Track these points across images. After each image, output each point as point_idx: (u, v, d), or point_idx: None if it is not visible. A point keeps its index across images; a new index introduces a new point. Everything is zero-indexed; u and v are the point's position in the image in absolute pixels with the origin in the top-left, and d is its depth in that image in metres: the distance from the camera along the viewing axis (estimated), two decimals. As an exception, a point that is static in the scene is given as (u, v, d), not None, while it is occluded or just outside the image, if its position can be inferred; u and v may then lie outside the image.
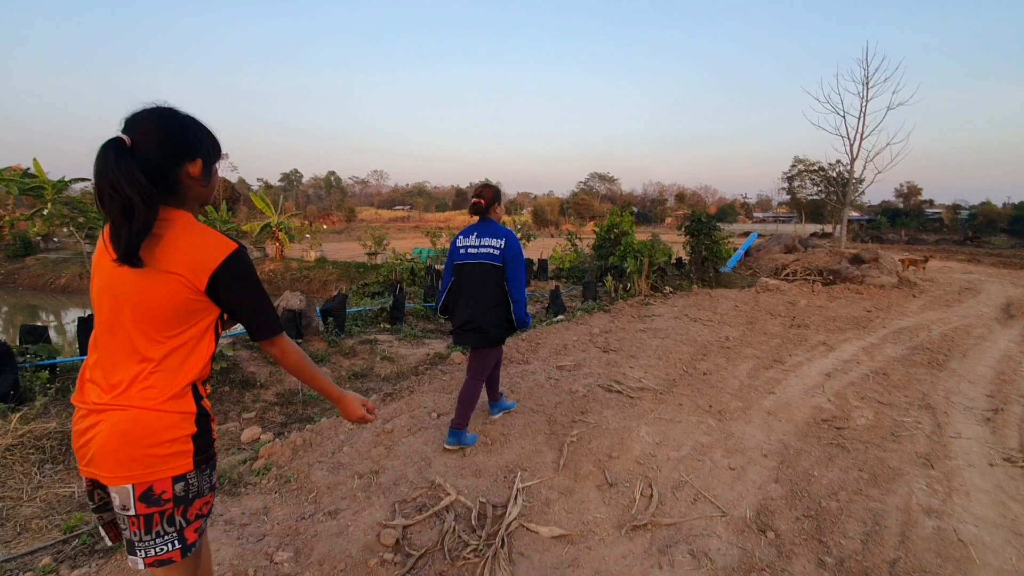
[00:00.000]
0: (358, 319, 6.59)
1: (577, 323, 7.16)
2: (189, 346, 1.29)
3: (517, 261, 3.09)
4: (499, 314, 3.11)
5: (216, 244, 1.26)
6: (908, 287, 12.00)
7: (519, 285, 3.10)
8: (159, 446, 1.24)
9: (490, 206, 3.18)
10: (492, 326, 3.11)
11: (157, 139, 1.23)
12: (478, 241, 3.12)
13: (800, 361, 5.61)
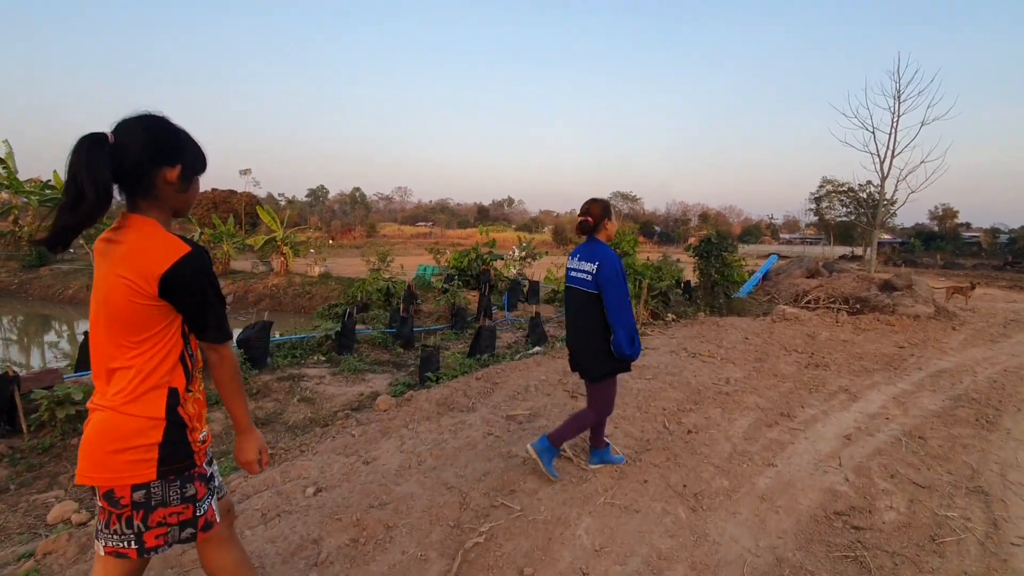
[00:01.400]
0: (298, 347, 5.76)
1: (554, 356, 6.19)
2: (153, 351, 1.29)
3: (614, 285, 2.80)
4: (598, 346, 2.88)
5: (166, 248, 1.26)
6: (947, 318, 10.72)
7: (618, 311, 2.80)
8: (122, 452, 1.26)
9: (599, 224, 2.95)
10: (590, 359, 2.91)
11: (140, 140, 1.26)
12: (578, 264, 2.96)
13: (814, 415, 4.55)
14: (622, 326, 2.78)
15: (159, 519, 1.31)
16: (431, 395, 4.40)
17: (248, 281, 24.63)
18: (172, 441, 1.31)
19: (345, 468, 3.15)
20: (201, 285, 1.30)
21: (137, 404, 1.27)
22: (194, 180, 1.38)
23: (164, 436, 1.29)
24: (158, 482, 1.30)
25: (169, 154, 1.30)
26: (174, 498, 1.32)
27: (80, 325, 18.43)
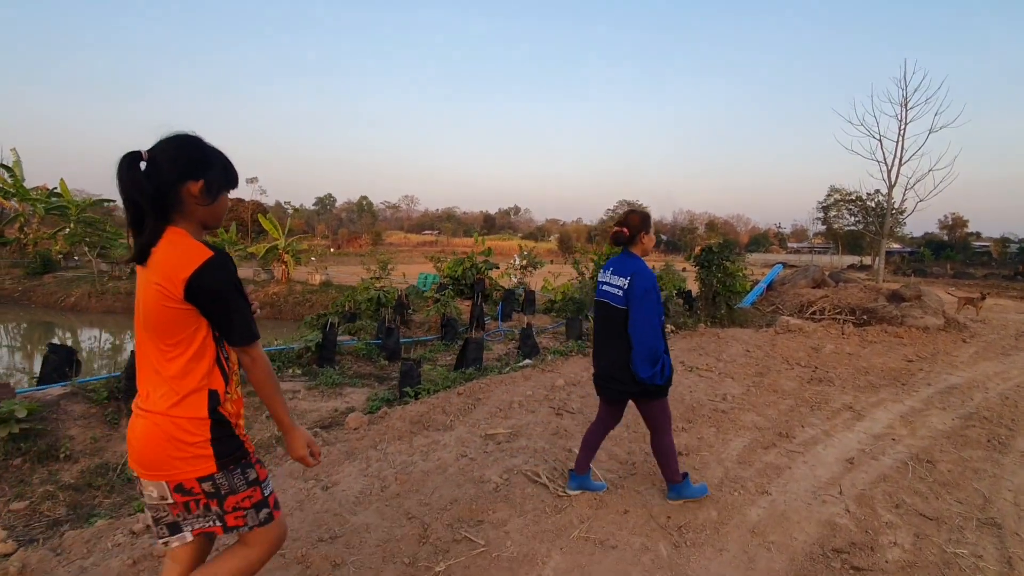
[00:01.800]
0: (276, 360, 5.54)
1: (544, 370, 5.95)
2: (188, 355, 1.35)
3: (643, 301, 2.65)
4: (627, 364, 2.70)
5: (191, 252, 1.32)
6: (957, 330, 10.38)
7: (641, 330, 2.63)
8: (178, 450, 1.34)
9: (635, 236, 2.80)
10: (617, 378, 2.77)
11: (169, 156, 1.36)
12: (610, 278, 2.83)
13: (815, 436, 4.27)
14: (642, 345, 2.62)
15: (233, 504, 1.40)
16: (407, 412, 4.16)
17: (248, 289, 24.49)
18: (220, 436, 1.38)
19: (300, 495, 2.92)
20: (223, 288, 1.34)
21: (181, 407, 1.34)
22: (221, 194, 1.44)
23: (212, 432, 1.37)
24: (220, 473, 1.38)
25: (194, 169, 1.37)
26: (240, 484, 1.41)
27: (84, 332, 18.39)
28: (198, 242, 1.36)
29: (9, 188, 26.76)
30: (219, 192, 1.44)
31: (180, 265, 1.31)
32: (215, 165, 1.43)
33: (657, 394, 2.78)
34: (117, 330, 19.55)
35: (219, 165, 1.44)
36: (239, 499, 1.41)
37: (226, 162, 1.47)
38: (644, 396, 2.79)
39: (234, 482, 1.40)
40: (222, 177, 1.45)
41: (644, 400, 2.82)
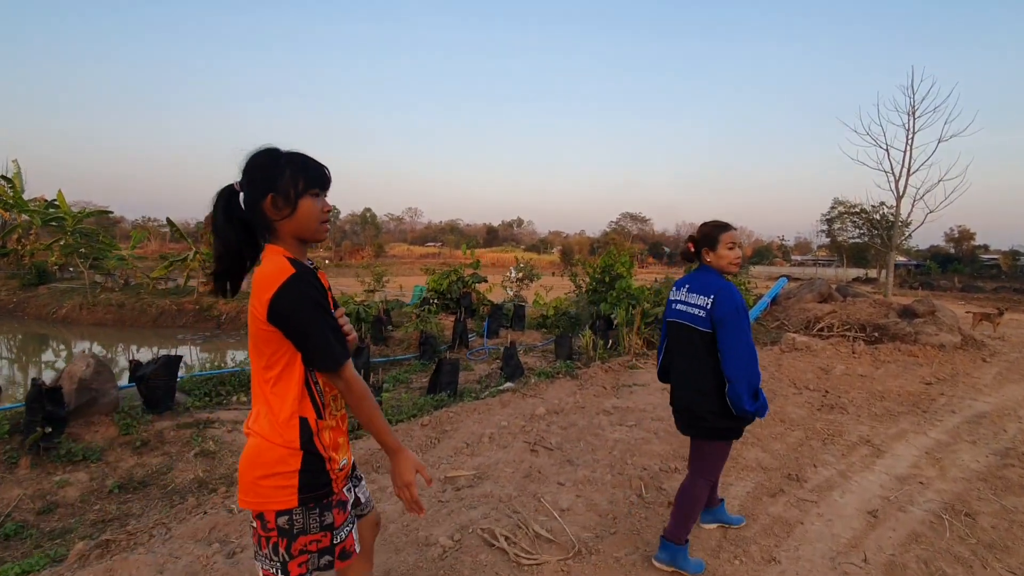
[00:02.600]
0: (227, 384, 4.99)
1: (525, 395, 5.38)
2: (283, 378, 1.31)
3: (734, 324, 2.32)
4: (710, 397, 2.38)
5: (273, 272, 1.27)
6: (975, 349, 9.74)
7: (736, 358, 2.29)
8: (267, 478, 1.30)
9: (699, 250, 2.49)
10: (706, 411, 2.39)
11: (246, 179, 1.33)
12: (686, 296, 2.51)
13: (829, 478, 3.68)
14: (743, 376, 2.27)
15: (301, 547, 1.35)
16: (353, 447, 3.60)
17: (241, 302, 24.01)
18: (310, 469, 1.33)
19: (195, 566, 2.35)
20: (299, 309, 1.26)
21: (276, 433, 1.31)
22: (300, 202, 1.33)
23: (302, 464, 1.32)
24: (299, 509, 1.33)
25: (263, 184, 1.32)
26: (313, 526, 1.35)
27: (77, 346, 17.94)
28: (285, 260, 1.29)
29: (8, 199, 26.53)
30: (297, 198, 1.32)
31: (267, 284, 1.26)
32: (281, 174, 1.32)
33: (729, 434, 2.45)
34: (107, 343, 19.08)
35: (289, 170, 1.33)
36: (307, 541, 1.35)
37: (299, 163, 1.34)
38: (713, 435, 2.43)
39: (308, 522, 1.35)
40: (295, 181, 1.32)
41: (709, 439, 2.46)
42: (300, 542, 1.34)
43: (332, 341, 1.31)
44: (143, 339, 20.65)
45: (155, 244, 50.11)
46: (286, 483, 1.30)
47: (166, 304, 23.59)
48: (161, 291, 25.42)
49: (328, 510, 1.37)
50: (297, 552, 1.34)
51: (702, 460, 2.51)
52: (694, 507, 2.48)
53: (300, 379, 1.32)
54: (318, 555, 1.37)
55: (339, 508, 1.39)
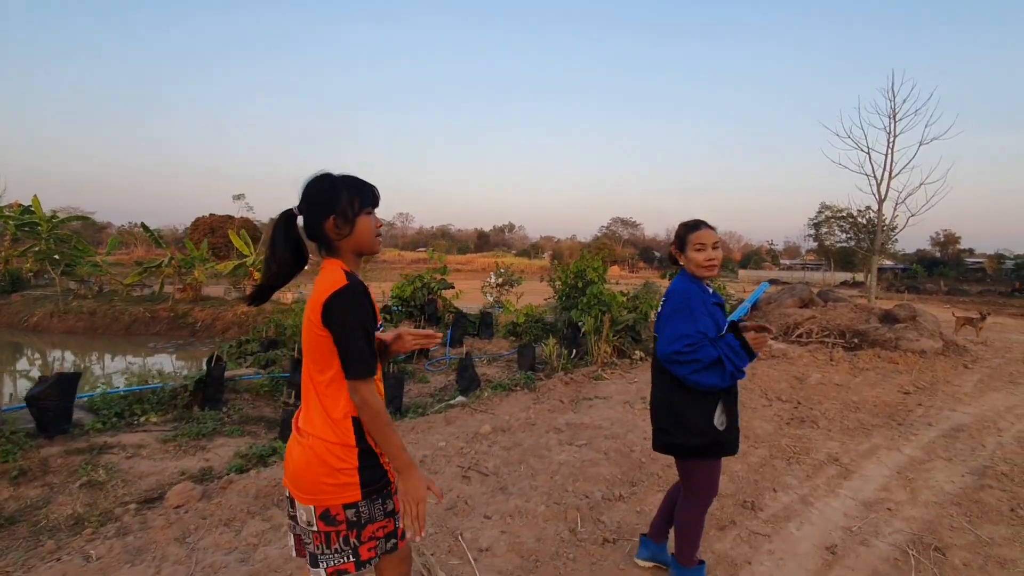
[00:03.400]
0: (145, 402, 4.57)
1: (475, 410, 5.01)
2: (336, 380, 1.40)
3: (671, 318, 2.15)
4: (673, 410, 2.18)
5: (330, 281, 1.39)
6: (957, 354, 9.51)
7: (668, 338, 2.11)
8: (330, 475, 1.39)
9: (673, 253, 2.34)
10: (671, 425, 2.20)
11: (307, 204, 1.46)
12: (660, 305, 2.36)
13: (789, 505, 3.34)
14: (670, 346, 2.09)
15: (370, 534, 1.44)
16: (259, 480, 3.20)
17: (218, 308, 23.52)
18: (368, 465, 1.43)
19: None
20: (345, 319, 1.36)
21: (333, 433, 1.40)
22: (357, 220, 1.45)
23: (359, 461, 1.41)
24: (364, 502, 1.42)
25: (324, 207, 1.43)
26: (379, 514, 1.45)
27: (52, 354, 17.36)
28: (342, 273, 1.41)
29: (-20, 206, 25.85)
30: (354, 218, 1.45)
31: (322, 292, 1.38)
32: (341, 196, 1.44)
33: (703, 452, 2.17)
34: (78, 351, 18.46)
35: (346, 193, 1.45)
36: (375, 528, 1.45)
37: (354, 186, 1.47)
38: (690, 453, 2.19)
39: (374, 511, 1.44)
40: (352, 204, 1.45)
41: (688, 458, 2.22)
42: (369, 530, 1.44)
43: (365, 352, 1.38)
44: (114, 347, 20.05)
45: (141, 250, 49.26)
46: (349, 480, 1.40)
47: (139, 312, 22.96)
48: (135, 298, 24.78)
49: (389, 498, 1.48)
50: (367, 538, 1.44)
51: (686, 481, 2.32)
52: (689, 533, 2.32)
53: None
54: (385, 540, 1.47)
55: (396, 496, 1.49)
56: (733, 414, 2.16)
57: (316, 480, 1.39)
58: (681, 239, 2.26)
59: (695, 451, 2.17)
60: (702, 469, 2.22)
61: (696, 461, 2.21)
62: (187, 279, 23.97)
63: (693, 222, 2.27)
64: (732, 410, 2.16)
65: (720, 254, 2.23)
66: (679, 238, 2.28)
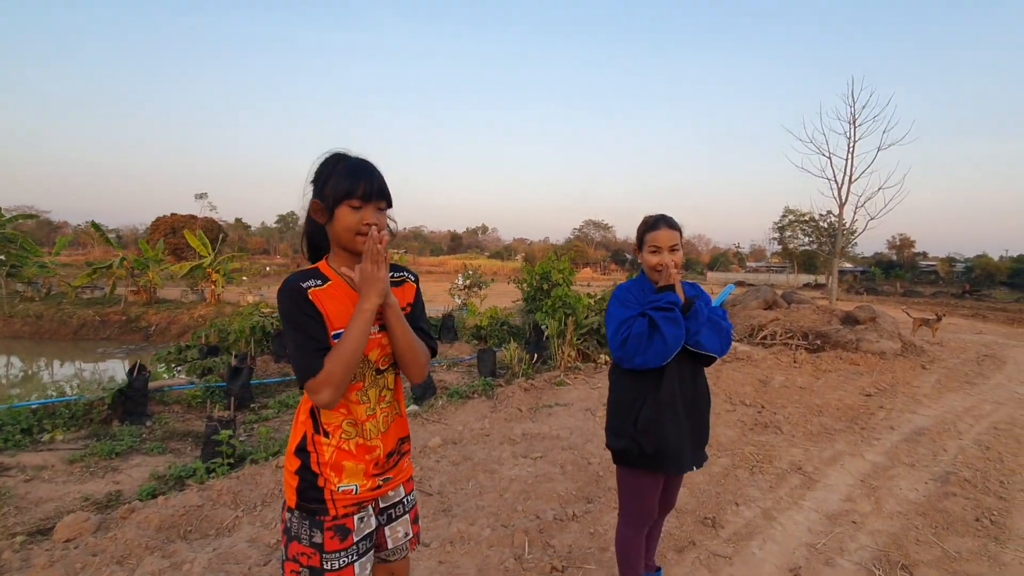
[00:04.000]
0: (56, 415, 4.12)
1: (427, 420, 4.70)
2: None
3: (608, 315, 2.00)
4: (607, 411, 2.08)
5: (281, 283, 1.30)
6: (915, 355, 9.65)
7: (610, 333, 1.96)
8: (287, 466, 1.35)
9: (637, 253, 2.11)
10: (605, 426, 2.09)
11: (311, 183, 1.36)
12: None
13: (751, 521, 3.15)
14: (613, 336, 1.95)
15: (294, 553, 1.32)
16: (165, 508, 2.84)
17: (174, 311, 22.54)
18: (305, 479, 1.31)
19: None
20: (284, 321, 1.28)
21: (296, 430, 1.35)
22: (336, 211, 1.29)
23: (298, 471, 1.32)
24: (296, 512, 1.32)
25: (314, 187, 1.33)
26: (303, 537, 1.31)
27: None
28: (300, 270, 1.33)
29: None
30: (333, 207, 1.29)
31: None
32: (328, 179, 1.29)
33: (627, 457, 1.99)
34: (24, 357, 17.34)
35: (333, 179, 1.28)
36: (299, 551, 1.31)
37: (344, 172, 1.29)
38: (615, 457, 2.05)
39: (300, 531, 1.31)
40: (335, 189, 1.28)
41: (617, 464, 2.07)
42: (293, 548, 1.32)
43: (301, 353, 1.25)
44: (61, 353, 18.95)
45: (98, 251, 46.92)
46: (291, 481, 1.32)
47: (89, 315, 21.84)
48: (85, 301, 23.54)
49: (318, 529, 1.31)
50: (292, 556, 1.32)
51: (620, 495, 2.12)
52: (622, 557, 2.11)
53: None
54: (309, 571, 1.31)
55: (334, 533, 1.31)
56: (658, 421, 1.92)
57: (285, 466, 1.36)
58: (639, 239, 2.06)
59: (617, 456, 2.03)
60: (627, 481, 2.05)
61: (621, 469, 2.05)
62: (141, 281, 22.92)
63: (653, 219, 2.04)
64: (658, 417, 1.92)
65: (679, 257, 1.98)
66: (637, 237, 2.08)
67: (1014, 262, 44.44)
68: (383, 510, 1.44)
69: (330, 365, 1.23)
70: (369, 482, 1.36)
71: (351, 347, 1.25)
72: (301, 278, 1.28)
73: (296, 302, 1.26)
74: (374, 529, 1.40)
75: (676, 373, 1.97)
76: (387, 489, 1.42)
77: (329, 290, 1.30)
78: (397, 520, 1.47)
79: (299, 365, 1.25)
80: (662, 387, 1.94)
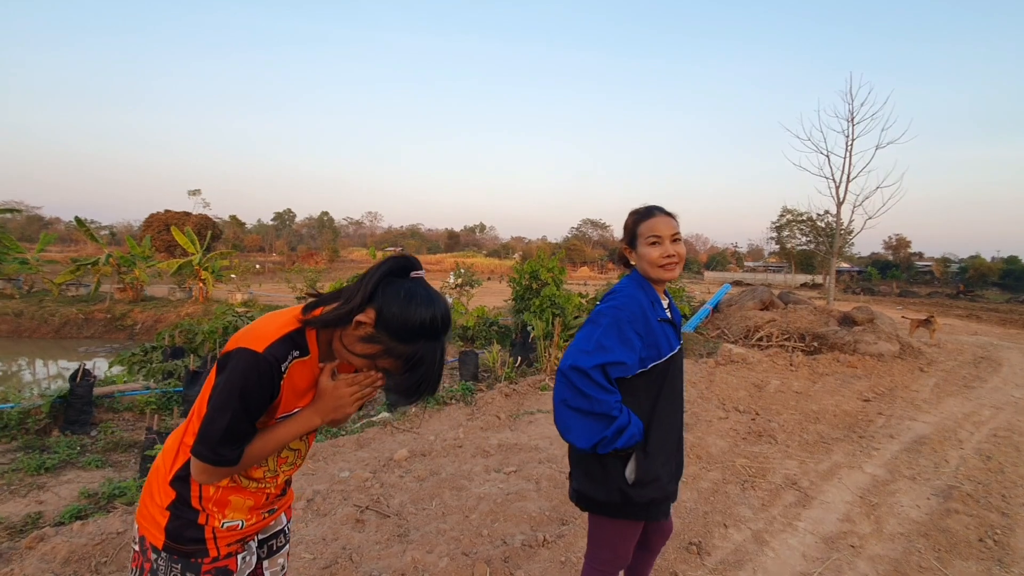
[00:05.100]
0: None
1: (398, 429, 4.40)
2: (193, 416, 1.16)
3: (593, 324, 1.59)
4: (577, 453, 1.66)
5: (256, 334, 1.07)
6: (913, 357, 9.38)
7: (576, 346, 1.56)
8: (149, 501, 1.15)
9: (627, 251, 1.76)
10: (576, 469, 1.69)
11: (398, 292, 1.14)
12: None
13: (741, 546, 2.86)
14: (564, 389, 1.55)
15: None
16: (80, 535, 2.52)
17: (161, 309, 22.17)
18: (178, 516, 1.12)
19: None
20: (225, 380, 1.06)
21: (167, 457, 1.15)
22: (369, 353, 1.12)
23: (171, 508, 1.12)
24: (164, 554, 1.13)
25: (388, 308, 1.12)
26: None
27: None
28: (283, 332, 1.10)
29: None
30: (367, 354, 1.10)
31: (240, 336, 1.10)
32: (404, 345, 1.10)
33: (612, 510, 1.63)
34: (5, 356, 16.95)
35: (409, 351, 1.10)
36: None
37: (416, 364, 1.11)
38: (594, 507, 1.66)
39: (170, 573, 1.12)
40: (390, 356, 1.11)
41: (594, 512, 1.68)
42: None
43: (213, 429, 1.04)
44: (42, 352, 18.57)
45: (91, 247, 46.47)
46: (158, 519, 1.12)
47: (72, 313, 21.43)
48: (69, 298, 23.12)
49: (193, 573, 1.12)
50: None
51: (589, 537, 1.77)
52: None
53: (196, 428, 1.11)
54: None
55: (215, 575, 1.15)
56: (651, 470, 1.59)
57: (144, 497, 1.16)
58: (631, 232, 1.72)
59: (599, 507, 1.65)
60: (606, 530, 1.69)
61: (600, 519, 1.69)
62: (127, 278, 22.53)
63: (644, 208, 1.73)
64: (651, 465, 1.59)
65: (682, 249, 1.66)
66: (628, 231, 1.74)
67: (1005, 263, 44.44)
68: (262, 542, 1.28)
69: (244, 461, 1.09)
70: (255, 516, 1.21)
71: (271, 449, 1.13)
72: (283, 350, 1.07)
73: (261, 381, 1.05)
74: (254, 568, 1.25)
75: (676, 390, 1.68)
76: (271, 520, 1.27)
77: (303, 364, 1.12)
78: (278, 551, 1.33)
79: (213, 442, 1.04)
80: (663, 418, 1.62)
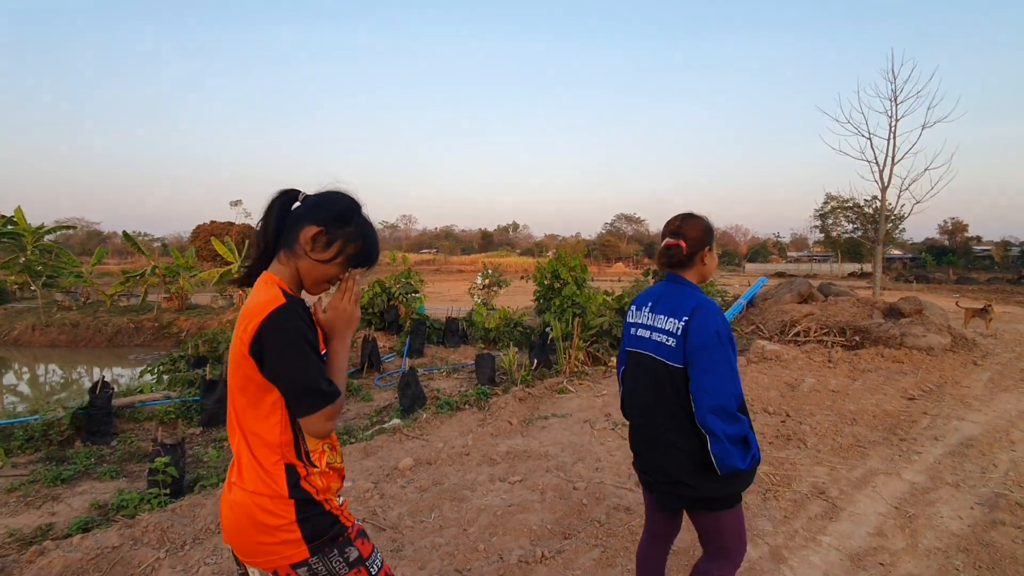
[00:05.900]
0: (12, 438, 3.93)
1: (407, 436, 4.35)
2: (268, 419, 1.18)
3: (710, 353, 1.61)
4: (692, 451, 1.66)
5: (266, 300, 1.13)
6: (966, 350, 8.76)
7: (714, 398, 1.58)
8: (266, 534, 1.16)
9: (694, 254, 1.77)
10: (685, 471, 1.69)
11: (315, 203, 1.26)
12: (651, 318, 1.80)
13: (758, 563, 2.65)
14: (721, 422, 1.59)
15: None
16: (78, 549, 2.54)
17: (204, 317, 23.00)
18: (309, 516, 1.18)
19: None
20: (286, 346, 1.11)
21: (261, 483, 1.16)
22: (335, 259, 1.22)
23: (297, 513, 1.17)
24: (315, 558, 1.18)
25: (321, 216, 1.22)
26: (341, 568, 1.20)
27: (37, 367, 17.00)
28: (277, 288, 1.16)
29: (-40, 219, 25.55)
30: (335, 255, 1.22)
31: (254, 313, 1.12)
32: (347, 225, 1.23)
33: (733, 500, 1.71)
34: (65, 365, 17.98)
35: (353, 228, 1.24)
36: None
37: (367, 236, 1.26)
38: (712, 504, 1.71)
39: (332, 566, 1.19)
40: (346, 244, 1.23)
41: (710, 510, 1.72)
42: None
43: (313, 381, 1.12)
44: (97, 359, 19.59)
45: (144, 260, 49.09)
46: (290, 536, 1.16)
47: (123, 322, 22.48)
48: (121, 309, 24.31)
49: (350, 544, 1.23)
50: None
51: (717, 538, 1.76)
52: None
53: (285, 421, 1.18)
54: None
55: (361, 538, 1.25)
56: None
57: (252, 541, 1.16)
58: (710, 238, 1.81)
59: (728, 503, 1.71)
60: (737, 517, 1.75)
61: (725, 514, 1.72)
62: (172, 288, 23.53)
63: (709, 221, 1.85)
64: None
65: None
66: (708, 236, 1.80)
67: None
68: None
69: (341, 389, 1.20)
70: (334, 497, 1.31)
71: (342, 376, 1.23)
72: (292, 296, 1.16)
73: (307, 320, 1.15)
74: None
75: None
76: None
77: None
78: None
79: (313, 390, 1.12)
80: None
